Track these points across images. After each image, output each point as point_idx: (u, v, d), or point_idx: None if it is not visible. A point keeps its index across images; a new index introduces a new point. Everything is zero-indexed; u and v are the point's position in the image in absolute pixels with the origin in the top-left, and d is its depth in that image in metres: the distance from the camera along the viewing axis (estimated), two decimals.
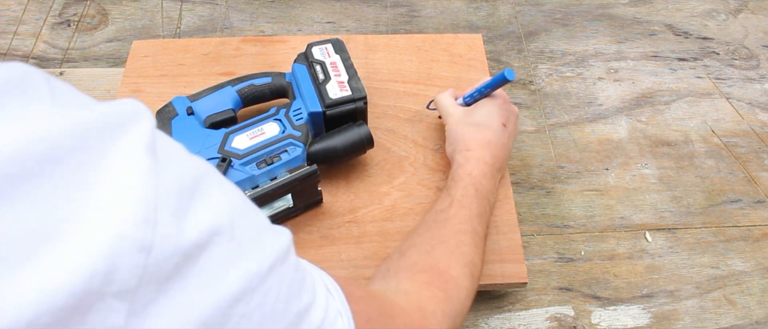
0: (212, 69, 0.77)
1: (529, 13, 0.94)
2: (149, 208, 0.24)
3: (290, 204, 0.61)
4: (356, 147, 0.64)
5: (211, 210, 0.28)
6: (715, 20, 0.94)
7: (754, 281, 0.66)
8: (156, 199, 0.25)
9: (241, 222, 0.30)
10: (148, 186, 0.25)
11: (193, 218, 0.27)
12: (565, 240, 0.69)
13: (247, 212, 0.31)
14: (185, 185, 0.27)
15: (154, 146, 0.26)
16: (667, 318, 0.63)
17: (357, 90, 0.64)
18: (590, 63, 0.87)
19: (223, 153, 0.59)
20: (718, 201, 0.73)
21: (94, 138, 0.24)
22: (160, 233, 0.24)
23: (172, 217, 0.25)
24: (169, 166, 0.27)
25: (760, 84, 0.86)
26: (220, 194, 0.29)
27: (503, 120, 0.62)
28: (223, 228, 0.28)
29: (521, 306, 0.64)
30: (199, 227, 0.27)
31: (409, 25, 0.92)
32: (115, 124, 0.25)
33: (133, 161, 0.25)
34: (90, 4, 0.93)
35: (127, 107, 0.27)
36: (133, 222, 0.24)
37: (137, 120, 0.26)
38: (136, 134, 0.26)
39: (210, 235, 0.27)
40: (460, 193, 0.55)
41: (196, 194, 0.27)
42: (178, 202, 0.26)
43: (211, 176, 0.30)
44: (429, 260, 0.49)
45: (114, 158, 0.25)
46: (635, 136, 0.79)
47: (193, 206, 0.27)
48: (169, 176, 0.26)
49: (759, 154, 0.78)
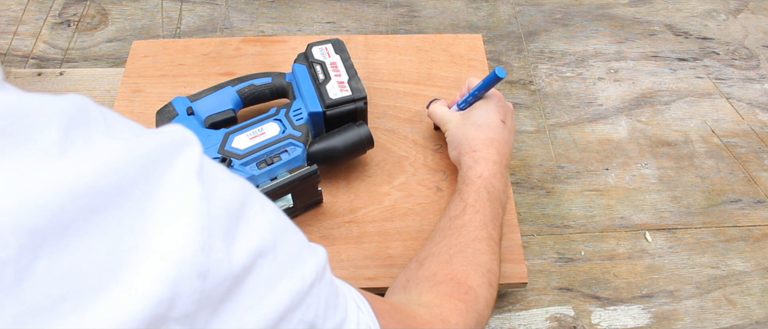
0: (212, 69, 0.77)
1: (529, 13, 0.94)
2: (204, 234, 0.25)
3: (290, 204, 0.61)
4: (356, 147, 0.64)
5: (257, 232, 0.29)
6: (715, 20, 0.94)
7: (754, 281, 0.66)
8: (209, 225, 0.26)
9: (282, 241, 0.31)
10: (202, 213, 0.25)
11: (241, 241, 0.27)
12: (565, 240, 0.69)
13: (287, 230, 0.32)
14: (233, 208, 0.28)
15: (203, 172, 0.27)
16: (667, 318, 0.63)
17: (357, 90, 0.64)
18: (590, 63, 0.87)
19: (223, 153, 0.59)
20: (718, 201, 0.73)
21: (150, 168, 0.25)
22: (213, 258, 0.25)
23: (223, 242, 0.26)
24: (217, 190, 0.27)
25: (760, 84, 0.86)
26: (263, 215, 0.30)
27: (501, 117, 0.62)
28: (267, 249, 0.29)
29: (521, 306, 0.64)
30: (246, 250, 0.27)
31: (409, 25, 0.92)
32: (167, 152, 0.26)
33: (187, 189, 0.26)
34: (90, 4, 0.93)
35: (176, 135, 0.27)
36: (191, 249, 0.24)
37: (187, 147, 0.27)
38: (186, 161, 0.27)
39: (256, 257, 0.28)
40: (473, 197, 0.55)
41: (242, 216, 0.28)
42: (227, 226, 0.27)
43: (254, 197, 0.31)
44: (448, 270, 0.49)
45: (168, 187, 0.25)
46: (635, 136, 0.79)
47: (240, 229, 0.28)
48: (218, 200, 0.27)
49: (759, 154, 0.78)
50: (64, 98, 0.24)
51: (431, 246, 0.53)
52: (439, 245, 0.52)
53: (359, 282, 0.60)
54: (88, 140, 0.24)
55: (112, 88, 0.78)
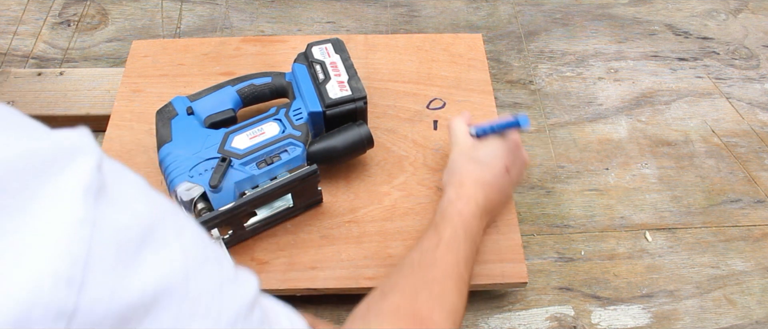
0: (212, 69, 0.77)
1: (529, 13, 0.94)
2: (75, 266, 0.21)
3: (290, 204, 0.61)
4: (356, 147, 0.64)
5: (163, 265, 0.24)
6: (715, 20, 0.94)
7: (754, 281, 0.66)
8: (87, 254, 0.21)
9: (199, 275, 0.26)
10: (79, 240, 0.21)
11: (137, 275, 0.23)
12: (565, 240, 0.69)
13: (207, 262, 0.28)
14: (132, 235, 0.24)
15: (95, 189, 0.23)
16: (667, 318, 0.63)
17: (357, 90, 0.64)
18: (590, 63, 0.87)
19: (223, 153, 0.59)
20: (718, 201, 0.73)
21: (19, 179, 0.21)
22: (88, 296, 0.21)
23: (107, 275, 0.22)
24: (114, 212, 0.23)
25: (760, 84, 0.86)
26: (176, 244, 0.26)
27: (507, 164, 0.59)
28: (176, 285, 0.25)
29: (521, 306, 0.64)
30: (143, 286, 0.23)
31: (409, 25, 0.92)
32: (47, 162, 0.22)
33: (64, 209, 0.21)
34: (90, 4, 0.93)
35: (70, 142, 0.23)
36: (51, 284, 0.20)
37: (79, 157, 0.23)
38: (73, 174, 0.22)
39: (157, 294, 0.24)
40: (449, 233, 0.52)
41: (147, 245, 0.24)
42: (117, 256, 0.23)
43: (170, 221, 0.26)
44: (412, 306, 0.47)
45: (42, 204, 0.21)
46: (635, 136, 0.79)
47: (139, 261, 0.23)
48: (111, 225, 0.23)
49: (759, 154, 0.78)
50: None
51: (398, 278, 0.50)
52: (407, 278, 0.50)
53: (359, 281, 0.60)
54: None
55: (112, 88, 0.78)
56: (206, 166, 0.59)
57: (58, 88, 0.78)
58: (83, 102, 0.77)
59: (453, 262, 0.51)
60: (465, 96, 0.75)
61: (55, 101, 0.77)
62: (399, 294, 0.48)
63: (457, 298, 0.49)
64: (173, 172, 0.58)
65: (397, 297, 0.48)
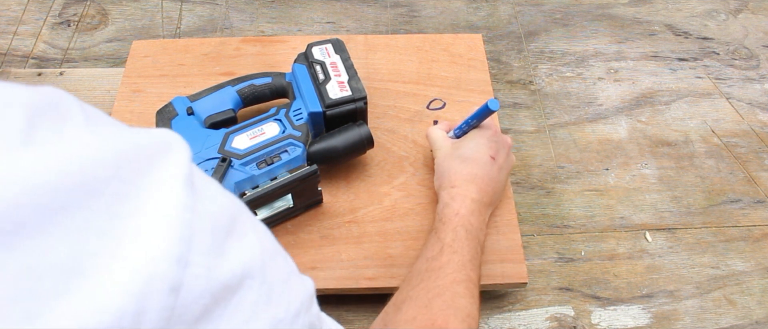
0: (212, 69, 0.77)
1: (529, 13, 0.94)
2: (183, 246, 0.23)
3: (290, 204, 0.61)
4: (356, 147, 0.64)
5: (246, 251, 0.27)
6: (715, 20, 0.94)
7: (754, 281, 0.66)
8: (191, 237, 0.24)
9: (272, 265, 0.29)
10: (184, 223, 0.24)
11: (227, 258, 0.26)
12: (565, 240, 0.69)
13: (278, 255, 0.31)
14: (221, 222, 0.26)
15: (191, 180, 0.25)
16: (667, 318, 0.63)
17: (357, 90, 0.64)
18: (590, 63, 0.87)
19: (223, 153, 0.59)
20: (718, 201, 0.73)
21: (129, 168, 0.23)
22: (191, 272, 0.23)
23: (205, 256, 0.24)
24: (205, 201, 0.26)
25: (760, 84, 0.86)
26: (254, 235, 0.28)
27: (492, 153, 0.59)
28: (256, 271, 0.27)
29: (521, 306, 0.64)
30: (232, 269, 0.26)
31: (409, 25, 0.92)
32: (151, 154, 0.24)
33: (170, 195, 0.24)
34: (90, 4, 0.93)
35: (163, 137, 0.26)
36: (165, 261, 0.23)
37: (174, 150, 0.25)
38: (173, 165, 0.25)
39: (242, 277, 0.26)
40: (450, 236, 0.53)
41: (232, 233, 0.27)
42: (212, 240, 0.25)
43: (246, 215, 0.29)
44: (427, 315, 0.47)
45: (150, 190, 0.23)
46: (635, 136, 0.79)
47: (227, 246, 0.26)
48: (206, 212, 0.25)
49: (759, 154, 0.78)
50: (35, 88, 0.23)
51: (408, 289, 0.50)
52: (417, 288, 0.50)
53: (359, 282, 0.60)
54: (59, 133, 0.22)
55: (112, 88, 0.78)
56: (206, 166, 0.59)
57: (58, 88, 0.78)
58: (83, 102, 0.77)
59: (459, 265, 0.51)
60: (465, 96, 0.75)
61: None
62: (413, 306, 0.48)
63: (469, 302, 0.49)
64: None
65: (412, 308, 0.48)
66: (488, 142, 0.60)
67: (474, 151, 0.59)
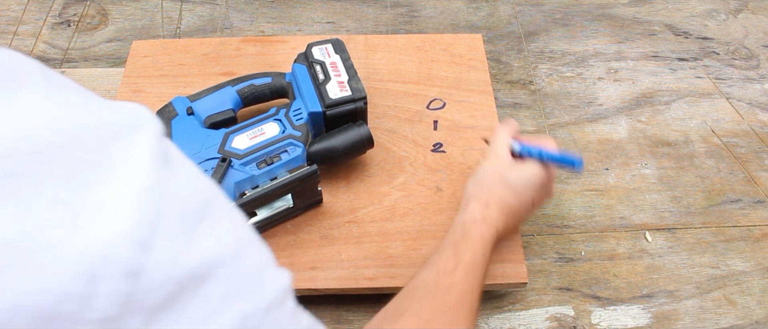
0: (212, 69, 0.77)
1: (529, 13, 0.94)
2: (145, 229, 0.22)
3: (290, 204, 0.61)
4: (356, 147, 0.64)
5: (218, 238, 0.25)
6: (715, 20, 0.94)
7: (754, 281, 0.66)
8: (156, 218, 0.22)
9: (245, 256, 0.27)
10: (149, 203, 0.22)
11: (196, 244, 0.24)
12: (565, 240, 0.69)
13: (253, 245, 0.29)
14: (193, 206, 0.25)
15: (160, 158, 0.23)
16: (667, 318, 0.63)
17: (357, 90, 0.64)
18: (590, 63, 0.87)
19: (223, 153, 0.59)
20: (718, 201, 0.73)
21: (91, 138, 0.22)
22: (154, 257, 0.22)
23: (172, 240, 0.23)
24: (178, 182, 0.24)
25: (760, 84, 0.86)
26: (229, 222, 0.27)
27: (536, 197, 0.57)
28: (227, 260, 0.26)
29: (521, 306, 0.64)
30: (201, 256, 0.24)
31: (409, 25, 0.92)
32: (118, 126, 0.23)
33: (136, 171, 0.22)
34: (90, 4, 0.93)
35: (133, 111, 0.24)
36: (122, 243, 0.21)
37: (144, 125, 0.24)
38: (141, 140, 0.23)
39: (211, 266, 0.25)
40: (469, 257, 0.50)
41: (205, 218, 0.25)
42: (181, 224, 0.23)
43: (222, 201, 0.28)
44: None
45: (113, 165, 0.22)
46: (635, 136, 0.79)
47: (198, 232, 0.24)
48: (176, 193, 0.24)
49: (759, 154, 0.78)
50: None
51: (410, 300, 0.48)
52: (421, 302, 0.47)
53: (359, 281, 0.60)
54: (8, 97, 0.21)
55: (112, 88, 0.78)
56: (206, 166, 0.59)
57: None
58: None
59: (469, 290, 0.49)
60: (465, 96, 0.75)
61: None
62: (411, 318, 0.46)
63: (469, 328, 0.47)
64: None
65: (410, 320, 0.46)
66: (540, 186, 0.56)
67: (523, 185, 0.55)
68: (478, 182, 0.57)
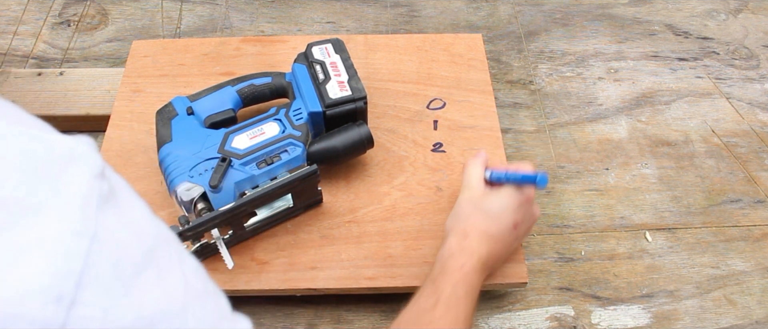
0: (212, 69, 0.77)
1: (529, 13, 0.94)
2: (68, 282, 0.19)
3: (290, 204, 0.61)
4: (356, 147, 0.64)
5: (162, 291, 0.23)
6: (715, 20, 0.94)
7: (754, 281, 0.66)
8: (82, 270, 0.20)
9: (196, 308, 0.25)
10: (74, 253, 0.20)
11: (134, 297, 0.21)
12: (565, 240, 0.69)
13: (206, 295, 0.26)
14: (132, 254, 0.22)
15: (95, 200, 0.21)
16: (667, 318, 0.63)
17: (357, 90, 0.64)
18: (590, 63, 0.87)
19: (223, 153, 0.59)
20: (718, 201, 0.73)
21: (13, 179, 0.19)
22: (78, 313, 0.19)
23: (102, 294, 0.20)
24: (115, 227, 0.21)
25: (760, 84, 0.86)
26: (177, 271, 0.24)
27: (517, 220, 0.55)
28: (173, 315, 0.23)
29: (521, 306, 0.64)
30: (139, 311, 0.22)
31: (409, 25, 0.92)
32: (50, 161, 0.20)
33: (61, 218, 0.20)
34: (90, 4, 0.93)
35: (68, 145, 0.21)
36: (38, 299, 0.18)
37: (79, 163, 0.21)
38: (72, 181, 0.21)
39: (153, 322, 0.22)
40: (449, 291, 0.49)
41: (147, 267, 0.22)
42: (116, 275, 0.21)
43: (173, 248, 0.25)
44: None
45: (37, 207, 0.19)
46: (635, 136, 0.79)
47: (137, 283, 0.22)
48: (113, 240, 0.21)
49: (759, 154, 0.78)
50: None
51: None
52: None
53: (359, 281, 0.60)
54: None
55: (112, 88, 0.78)
56: (206, 166, 0.59)
57: (58, 88, 0.78)
58: (83, 102, 0.77)
59: (451, 323, 0.47)
60: (465, 96, 0.75)
61: (55, 101, 0.77)
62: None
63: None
64: (173, 172, 0.58)
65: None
66: (518, 207, 0.55)
67: (500, 210, 0.55)
68: (455, 215, 0.56)
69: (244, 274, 0.60)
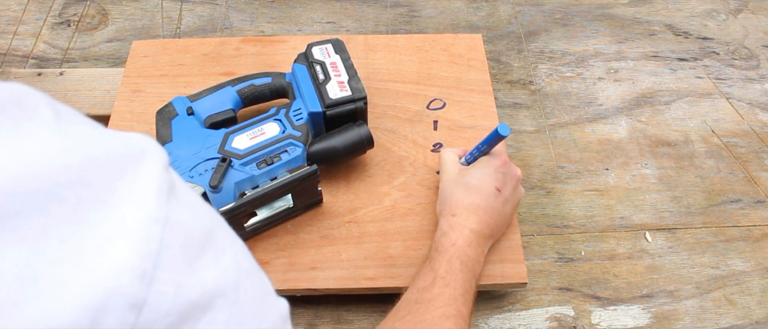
0: (212, 69, 0.77)
1: (529, 13, 0.94)
2: (148, 261, 0.22)
3: (290, 204, 0.61)
4: (356, 147, 0.64)
5: (220, 269, 0.26)
6: (715, 20, 0.94)
7: (754, 281, 0.66)
8: (158, 251, 0.22)
9: (247, 284, 0.28)
10: (152, 237, 0.22)
11: (199, 275, 0.24)
12: (565, 240, 0.69)
13: (253, 273, 0.29)
14: (195, 237, 0.25)
15: (165, 189, 0.24)
16: (667, 318, 0.63)
17: (357, 90, 0.64)
18: (590, 63, 0.87)
19: (223, 153, 0.59)
20: (718, 201, 0.73)
21: (97, 173, 0.22)
22: (156, 289, 0.22)
23: (174, 272, 0.23)
24: (181, 213, 0.24)
25: (760, 84, 0.86)
26: (231, 252, 0.27)
27: (498, 184, 0.57)
28: (229, 290, 0.26)
29: (521, 306, 0.64)
30: (203, 287, 0.24)
31: (409, 25, 0.92)
32: (123, 160, 0.23)
33: (140, 205, 0.23)
34: (90, 4, 0.93)
35: (139, 143, 0.24)
36: (127, 276, 0.21)
37: (149, 158, 0.24)
38: (146, 173, 0.23)
39: (213, 296, 0.25)
40: (444, 268, 0.51)
41: (207, 248, 0.25)
42: (184, 255, 0.24)
43: (224, 230, 0.28)
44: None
45: (118, 199, 0.22)
46: (635, 136, 0.79)
47: (200, 262, 0.25)
48: (179, 224, 0.24)
49: (759, 154, 0.78)
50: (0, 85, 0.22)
51: (394, 320, 0.49)
52: (403, 320, 0.48)
53: (359, 282, 0.60)
54: (19, 132, 0.21)
55: (112, 88, 0.78)
56: (206, 166, 0.59)
57: (58, 88, 0.78)
58: (83, 102, 0.77)
59: (450, 298, 0.49)
60: (465, 96, 0.75)
61: None
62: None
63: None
64: None
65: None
66: (495, 172, 0.57)
67: (479, 180, 0.57)
68: (441, 200, 0.59)
69: None
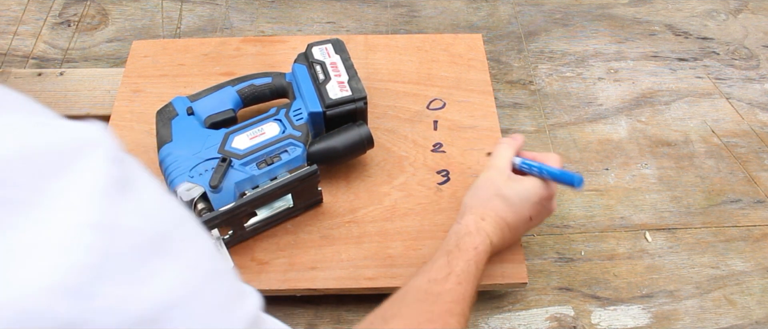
0: (212, 69, 0.77)
1: (529, 13, 0.94)
2: (84, 275, 0.19)
3: (290, 204, 0.61)
4: (356, 147, 0.64)
5: (173, 276, 0.23)
6: (715, 20, 0.94)
7: (754, 281, 0.66)
8: (102, 261, 0.19)
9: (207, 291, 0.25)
10: (93, 245, 0.19)
11: (148, 286, 0.21)
12: (565, 240, 0.69)
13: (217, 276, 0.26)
14: (146, 240, 0.22)
15: (112, 188, 0.21)
16: (667, 318, 0.63)
17: (357, 90, 0.64)
18: (590, 63, 0.87)
19: (223, 153, 0.59)
20: (718, 201, 0.73)
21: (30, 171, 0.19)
22: (96, 305, 0.19)
23: (118, 285, 0.20)
24: (128, 216, 0.21)
25: (760, 84, 0.86)
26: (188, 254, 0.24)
27: (533, 213, 0.56)
28: (183, 300, 0.23)
29: (521, 306, 0.64)
30: (153, 298, 0.21)
31: (409, 25, 0.92)
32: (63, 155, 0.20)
33: (75, 209, 0.19)
34: (90, 4, 0.93)
35: (83, 134, 0.21)
36: (49, 295, 0.18)
37: (94, 152, 0.21)
38: (87, 169, 0.20)
39: (166, 308, 0.22)
40: (462, 267, 0.50)
41: (160, 254, 0.22)
42: (131, 264, 0.21)
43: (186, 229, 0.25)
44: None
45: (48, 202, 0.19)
46: (635, 136, 0.79)
47: (150, 269, 0.22)
48: (125, 229, 0.21)
49: (759, 154, 0.78)
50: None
51: (401, 305, 0.48)
52: (411, 307, 0.48)
53: (359, 282, 0.60)
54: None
55: (112, 88, 0.78)
56: (206, 166, 0.59)
57: (58, 88, 0.78)
58: (83, 102, 0.77)
59: (460, 298, 0.49)
60: (465, 96, 0.75)
61: (55, 102, 0.77)
62: (401, 323, 0.46)
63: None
64: (173, 172, 0.58)
65: (399, 326, 0.46)
66: (538, 202, 0.56)
67: (520, 201, 0.55)
68: (475, 194, 0.57)
69: (243, 274, 0.60)
